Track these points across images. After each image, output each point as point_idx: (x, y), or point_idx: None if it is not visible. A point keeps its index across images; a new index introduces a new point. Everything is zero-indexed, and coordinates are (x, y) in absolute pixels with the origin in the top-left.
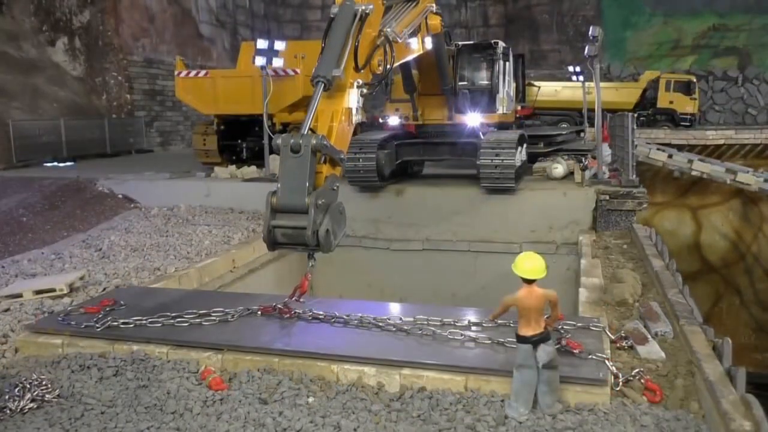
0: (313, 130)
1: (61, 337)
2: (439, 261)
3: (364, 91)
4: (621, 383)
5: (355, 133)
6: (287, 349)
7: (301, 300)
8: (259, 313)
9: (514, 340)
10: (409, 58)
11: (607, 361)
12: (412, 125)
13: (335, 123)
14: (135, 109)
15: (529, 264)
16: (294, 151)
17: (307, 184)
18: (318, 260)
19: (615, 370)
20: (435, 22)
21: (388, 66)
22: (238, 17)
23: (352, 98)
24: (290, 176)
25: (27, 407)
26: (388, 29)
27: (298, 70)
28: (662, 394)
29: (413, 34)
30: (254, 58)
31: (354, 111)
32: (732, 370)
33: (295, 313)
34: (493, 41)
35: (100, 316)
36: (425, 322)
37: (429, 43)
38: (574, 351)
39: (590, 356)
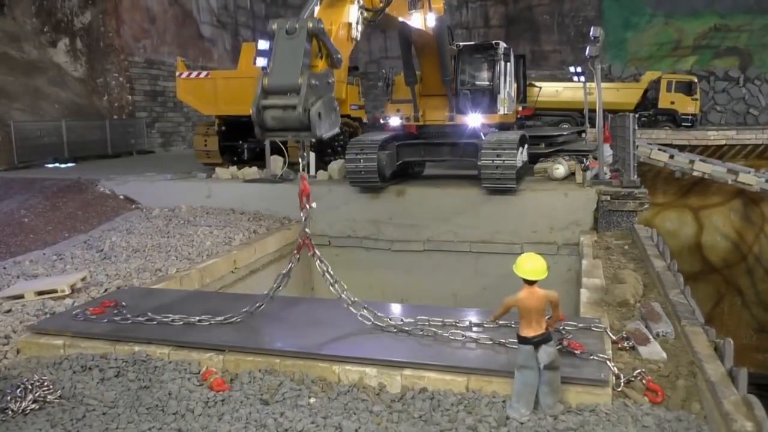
0: None
1: (63, 337)
2: (440, 262)
3: (365, 14)
4: (622, 384)
5: (356, 134)
6: (288, 350)
7: (313, 205)
8: (296, 255)
9: (516, 340)
10: (410, 24)
11: (608, 362)
12: (413, 126)
13: (334, 27)
14: (136, 110)
15: (531, 265)
16: (289, 33)
17: (301, 64)
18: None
19: (616, 371)
20: (438, 5)
21: None
22: (239, 18)
23: (353, 14)
24: (283, 57)
25: (29, 408)
26: None
27: None
28: (664, 394)
29: (415, 5)
30: (255, 58)
31: (353, 27)
32: (733, 370)
33: (315, 254)
34: (494, 42)
35: (105, 318)
36: (426, 323)
37: (431, 22)
38: (575, 352)
39: (591, 357)
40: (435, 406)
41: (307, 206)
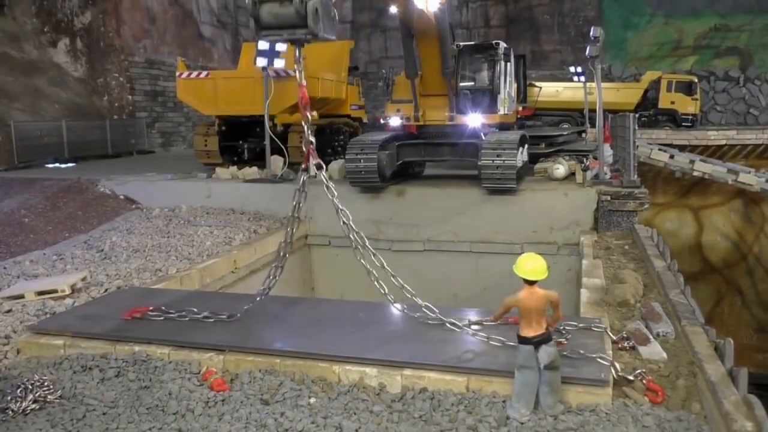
0: None
1: (63, 337)
2: (441, 262)
3: None
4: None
5: (356, 134)
6: (289, 350)
7: (313, 113)
8: (304, 167)
9: (516, 340)
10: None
11: (607, 361)
12: (413, 126)
13: None
14: (136, 110)
15: (531, 265)
16: None
17: None
18: (319, 260)
19: (619, 368)
20: None
21: None
22: (239, 18)
23: None
24: None
25: (29, 408)
26: None
27: None
28: (664, 394)
29: None
30: (255, 58)
31: None
32: (734, 370)
33: (317, 165)
34: (494, 42)
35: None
36: (426, 323)
37: (433, 6)
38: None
39: (591, 357)
40: (435, 406)
41: (308, 115)
